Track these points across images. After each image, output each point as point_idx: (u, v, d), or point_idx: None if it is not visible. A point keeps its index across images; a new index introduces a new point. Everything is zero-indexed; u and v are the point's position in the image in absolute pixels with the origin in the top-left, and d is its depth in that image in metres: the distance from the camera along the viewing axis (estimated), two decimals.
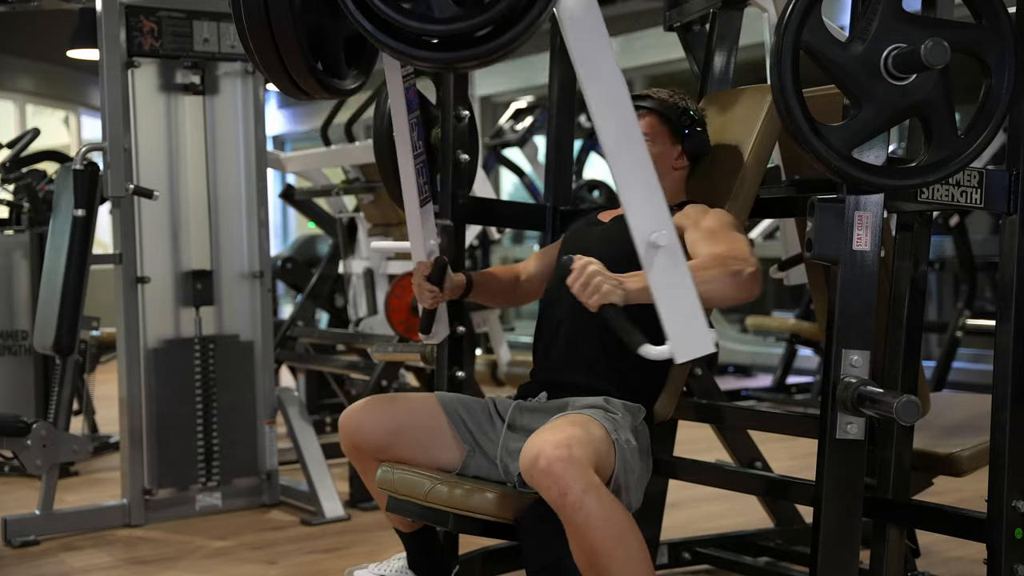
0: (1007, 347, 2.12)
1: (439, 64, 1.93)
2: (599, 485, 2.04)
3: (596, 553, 2.03)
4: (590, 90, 1.97)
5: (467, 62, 1.91)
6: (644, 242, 1.99)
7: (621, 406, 2.32)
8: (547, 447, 2.03)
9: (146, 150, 3.94)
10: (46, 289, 3.76)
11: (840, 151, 1.93)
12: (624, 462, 2.18)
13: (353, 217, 5.11)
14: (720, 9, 2.96)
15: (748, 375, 7.82)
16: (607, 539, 2.02)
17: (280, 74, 2.14)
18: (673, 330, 2.01)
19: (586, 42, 1.96)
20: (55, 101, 10.82)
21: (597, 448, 2.10)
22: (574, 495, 2.00)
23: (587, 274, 2.06)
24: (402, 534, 2.58)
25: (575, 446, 2.04)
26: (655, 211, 2.00)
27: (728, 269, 2.17)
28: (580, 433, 2.09)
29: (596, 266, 2.08)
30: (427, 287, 2.55)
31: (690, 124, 2.53)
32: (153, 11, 3.87)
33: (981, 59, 1.98)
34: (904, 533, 2.34)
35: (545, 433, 2.10)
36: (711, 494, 3.73)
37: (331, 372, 5.37)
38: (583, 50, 1.96)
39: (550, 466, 2.01)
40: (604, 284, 2.05)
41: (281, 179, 9.23)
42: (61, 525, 3.81)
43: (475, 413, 2.46)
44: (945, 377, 5.65)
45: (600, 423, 2.18)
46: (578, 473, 2.01)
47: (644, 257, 1.99)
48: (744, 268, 2.18)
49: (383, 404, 2.45)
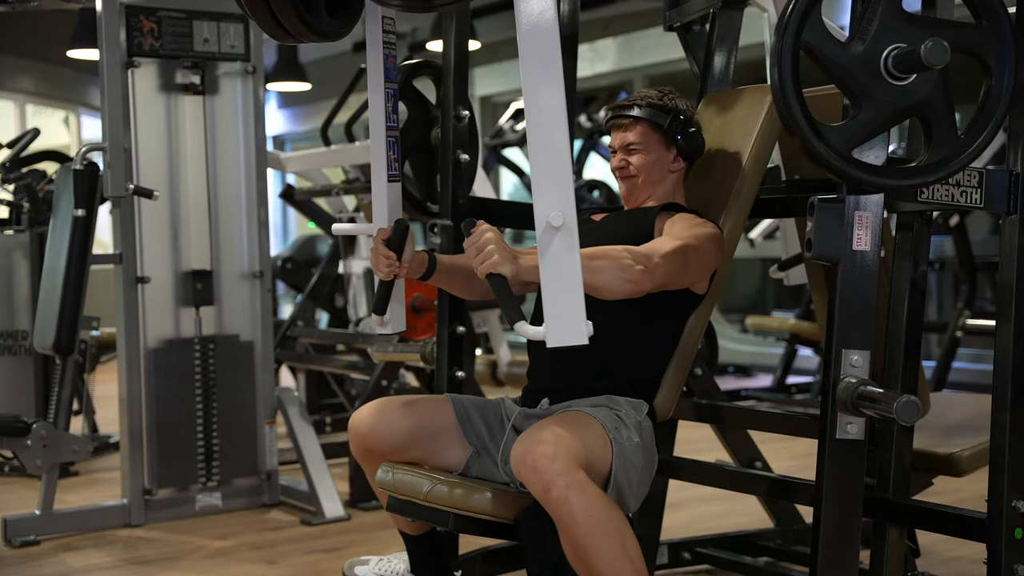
0: (1007, 347, 2.12)
1: (415, 2, 1.91)
2: (584, 481, 2.04)
3: (583, 549, 2.04)
4: (524, 62, 1.96)
5: (440, 2, 1.90)
6: (542, 222, 1.97)
7: (625, 403, 2.32)
8: (533, 444, 2.05)
9: (146, 150, 3.94)
10: (46, 289, 3.76)
11: (840, 151, 1.93)
12: (624, 459, 2.18)
13: (353, 217, 5.11)
14: (720, 9, 2.96)
15: (748, 375, 7.82)
16: (592, 535, 2.03)
17: (266, 16, 2.15)
18: (551, 313, 1.99)
19: (529, 17, 1.96)
20: (55, 101, 10.81)
21: (587, 444, 2.10)
22: (557, 491, 2.01)
23: (483, 240, 2.06)
24: (406, 536, 2.57)
25: (561, 443, 2.05)
26: (559, 192, 1.97)
27: (619, 263, 2.16)
28: (569, 430, 2.10)
29: (493, 234, 2.07)
30: (383, 252, 2.34)
31: (682, 127, 2.52)
32: (153, 11, 3.87)
33: (981, 59, 1.98)
34: (904, 533, 2.33)
35: (535, 430, 2.11)
36: (711, 494, 3.73)
37: (331, 372, 5.37)
38: (527, 26, 1.95)
39: (535, 462, 2.03)
40: (495, 253, 2.04)
41: (281, 179, 9.23)
42: (61, 525, 3.81)
43: (488, 415, 2.46)
44: (945, 377, 5.65)
45: (597, 421, 2.18)
46: (561, 468, 2.02)
47: (540, 237, 1.98)
48: (634, 264, 2.17)
49: (397, 407, 2.43)
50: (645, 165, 2.51)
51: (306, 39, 2.23)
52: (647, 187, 2.53)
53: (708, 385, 3.16)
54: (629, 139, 2.51)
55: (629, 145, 2.52)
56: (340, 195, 5.16)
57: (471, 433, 2.42)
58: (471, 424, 2.42)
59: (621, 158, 2.54)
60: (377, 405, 2.44)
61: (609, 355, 2.37)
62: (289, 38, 2.21)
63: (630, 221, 2.49)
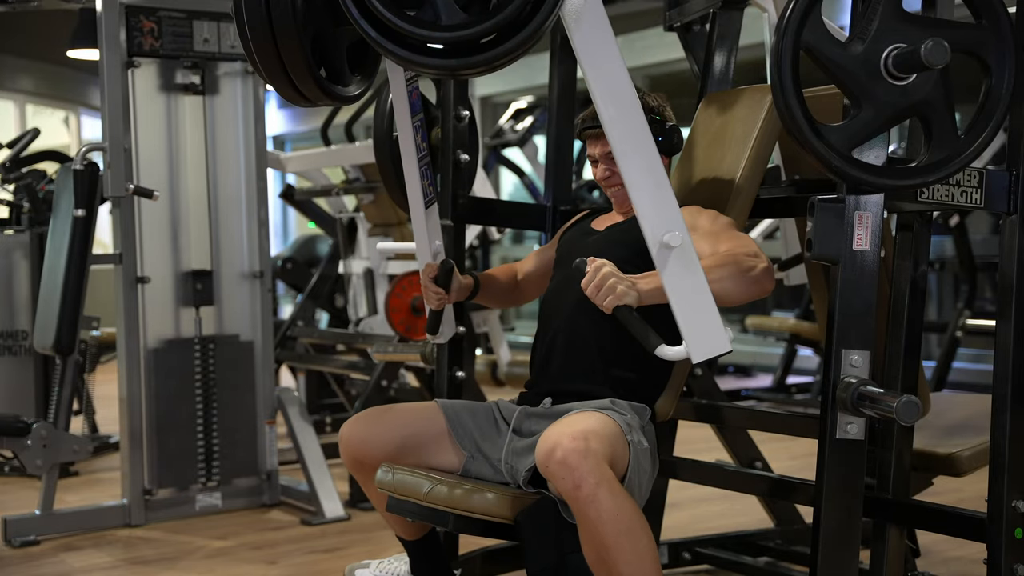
0: (1007, 347, 2.12)
1: (444, 71, 1.93)
2: (612, 479, 2.04)
3: (606, 547, 2.04)
4: (597, 92, 1.98)
5: (472, 69, 1.91)
6: (657, 243, 2.00)
7: (628, 407, 2.32)
8: (564, 439, 2.04)
9: (146, 150, 3.94)
10: (46, 289, 3.76)
11: (840, 151, 1.93)
12: (637, 461, 2.19)
13: (353, 217, 5.11)
14: (720, 9, 2.96)
15: (748, 375, 7.82)
16: (617, 534, 2.03)
17: (283, 81, 2.15)
18: (688, 330, 2.02)
19: (592, 44, 1.97)
20: (55, 101, 10.81)
21: (613, 444, 2.10)
22: (588, 487, 2.01)
23: (601, 276, 2.07)
24: (405, 542, 2.57)
25: (592, 439, 2.05)
26: (666, 212, 2.01)
27: (740, 267, 2.18)
28: (597, 427, 2.09)
29: (610, 268, 2.09)
30: (433, 289, 2.55)
31: (658, 124, 2.51)
32: (153, 11, 3.87)
33: (981, 59, 1.98)
34: (904, 533, 2.34)
35: (562, 426, 2.10)
36: (711, 494, 3.73)
37: (331, 372, 5.37)
38: (590, 52, 1.97)
39: (566, 457, 2.01)
40: (618, 285, 2.06)
41: (281, 179, 9.23)
42: (61, 525, 3.81)
43: (479, 418, 2.45)
44: (945, 377, 5.65)
45: (615, 421, 2.19)
46: (593, 466, 2.01)
47: (657, 258, 2.00)
48: (756, 264, 2.20)
49: (386, 417, 2.43)
50: None
51: (322, 103, 2.23)
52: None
53: (708, 385, 3.16)
54: (608, 147, 2.48)
55: (610, 153, 2.50)
56: (340, 195, 5.16)
57: (464, 437, 2.41)
58: (463, 428, 2.42)
59: (605, 168, 2.52)
60: (365, 417, 2.43)
61: (614, 360, 2.37)
62: (305, 102, 2.21)
63: (630, 231, 2.47)
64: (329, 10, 2.07)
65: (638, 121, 1.99)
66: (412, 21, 1.86)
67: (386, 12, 1.84)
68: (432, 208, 2.60)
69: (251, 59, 2.11)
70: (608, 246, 2.47)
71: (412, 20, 1.86)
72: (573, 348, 2.42)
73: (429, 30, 1.87)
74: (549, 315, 2.52)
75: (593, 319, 2.37)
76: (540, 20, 1.87)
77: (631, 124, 1.99)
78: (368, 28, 1.87)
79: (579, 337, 2.42)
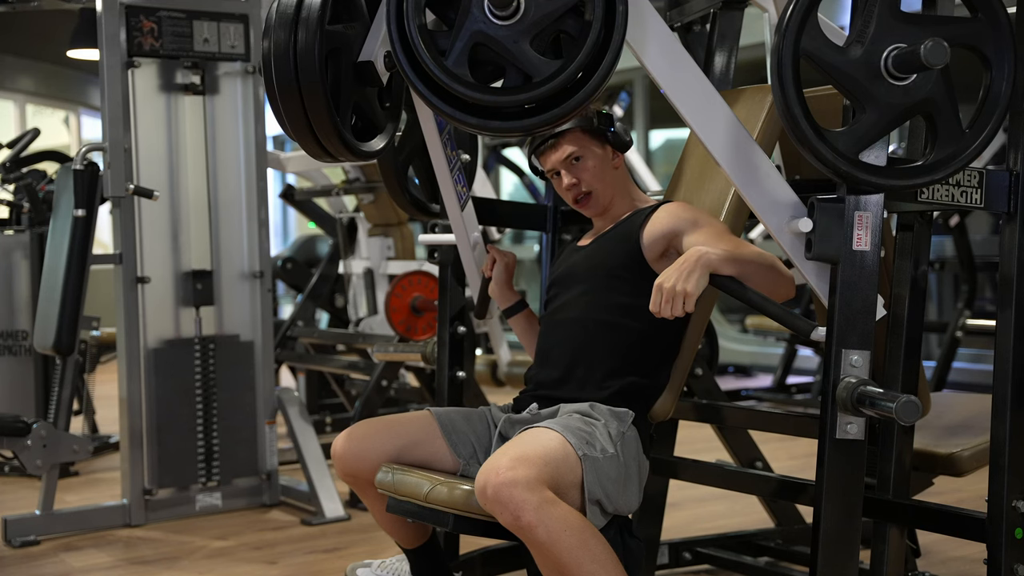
0: (1007, 347, 2.12)
1: (508, 133, 1.99)
2: (552, 500, 2.02)
3: (564, 564, 2.02)
4: (686, 110, 2.04)
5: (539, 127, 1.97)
6: (784, 232, 2.05)
7: (607, 411, 2.30)
8: (491, 475, 2.02)
9: (146, 150, 3.94)
10: (46, 289, 3.76)
11: (848, 155, 1.93)
12: (597, 473, 2.15)
13: (353, 217, 5.12)
14: (720, 9, 2.96)
15: (748, 375, 7.82)
16: (571, 548, 2.01)
17: (308, 137, 2.18)
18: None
19: (670, 68, 2.04)
20: (55, 101, 10.81)
21: (550, 462, 2.07)
22: (527, 515, 1.99)
23: (666, 292, 2.11)
24: (405, 550, 2.57)
25: (520, 466, 2.02)
26: (783, 198, 2.07)
27: (776, 266, 2.25)
28: (530, 451, 2.07)
29: (660, 279, 2.14)
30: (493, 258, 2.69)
31: (606, 121, 2.50)
32: (153, 11, 3.87)
33: (980, 52, 1.97)
34: (904, 533, 2.33)
35: (492, 459, 2.07)
36: (711, 494, 3.73)
37: (331, 372, 5.37)
38: (668, 75, 2.04)
39: (497, 493, 2.00)
40: (679, 283, 2.10)
41: (281, 179, 9.23)
42: (61, 525, 3.81)
43: (474, 423, 2.45)
44: (945, 377, 5.65)
45: (560, 436, 2.14)
46: (525, 493, 1.99)
47: (790, 248, 2.06)
48: (785, 271, 2.26)
49: (379, 430, 2.41)
50: (595, 172, 2.48)
51: (344, 159, 2.25)
52: (606, 193, 2.50)
53: (708, 385, 3.16)
54: (568, 151, 2.46)
55: (571, 156, 2.46)
56: (340, 195, 5.16)
57: (459, 443, 2.40)
58: (458, 435, 2.41)
59: (570, 178, 2.48)
60: (358, 429, 2.41)
61: (611, 380, 2.36)
62: (328, 158, 2.24)
63: (617, 239, 2.48)
64: (357, 74, 2.19)
65: (732, 124, 2.05)
66: (483, 90, 1.91)
67: (460, 87, 1.90)
68: (468, 207, 2.73)
69: (276, 113, 2.16)
70: (593, 257, 2.48)
71: (483, 89, 1.91)
72: (568, 363, 2.42)
73: (516, 94, 1.92)
74: (546, 331, 2.52)
75: (588, 331, 2.39)
76: (593, 86, 1.91)
77: (726, 130, 2.06)
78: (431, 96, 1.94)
79: (573, 349, 2.41)
